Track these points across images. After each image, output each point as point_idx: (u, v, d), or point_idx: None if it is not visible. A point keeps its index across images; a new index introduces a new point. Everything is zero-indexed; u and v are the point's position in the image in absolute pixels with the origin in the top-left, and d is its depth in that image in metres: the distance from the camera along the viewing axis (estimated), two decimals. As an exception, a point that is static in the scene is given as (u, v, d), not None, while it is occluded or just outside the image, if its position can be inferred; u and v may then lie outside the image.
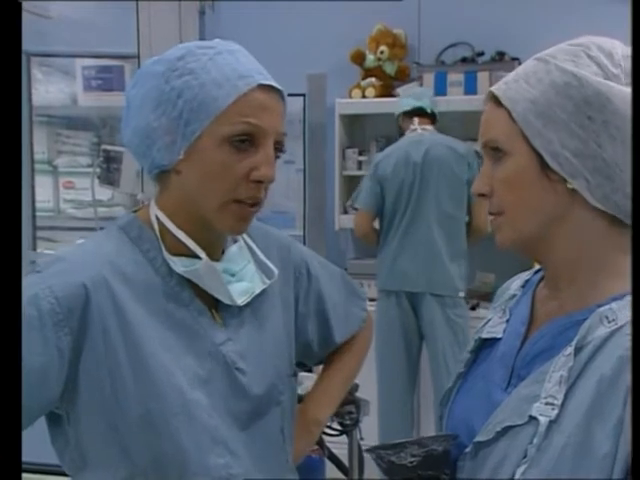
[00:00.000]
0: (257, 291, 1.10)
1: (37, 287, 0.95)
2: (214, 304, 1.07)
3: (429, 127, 3.31)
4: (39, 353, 0.93)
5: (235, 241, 1.13)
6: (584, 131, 0.84)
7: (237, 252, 1.11)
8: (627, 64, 0.86)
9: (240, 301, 1.07)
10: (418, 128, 3.29)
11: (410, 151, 3.24)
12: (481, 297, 3.65)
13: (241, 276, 1.09)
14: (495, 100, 0.91)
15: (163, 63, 1.02)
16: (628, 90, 0.84)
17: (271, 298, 1.15)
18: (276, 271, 1.13)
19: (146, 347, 0.98)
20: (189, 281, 1.04)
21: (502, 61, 3.64)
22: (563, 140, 0.85)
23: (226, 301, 1.06)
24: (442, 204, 3.23)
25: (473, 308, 3.58)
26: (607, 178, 0.84)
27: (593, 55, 0.87)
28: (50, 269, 0.98)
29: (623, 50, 0.88)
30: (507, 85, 0.90)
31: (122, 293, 0.99)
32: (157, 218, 1.05)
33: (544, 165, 0.86)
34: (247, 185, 1.00)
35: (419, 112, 3.30)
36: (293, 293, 1.21)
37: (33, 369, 0.92)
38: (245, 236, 1.13)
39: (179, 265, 1.03)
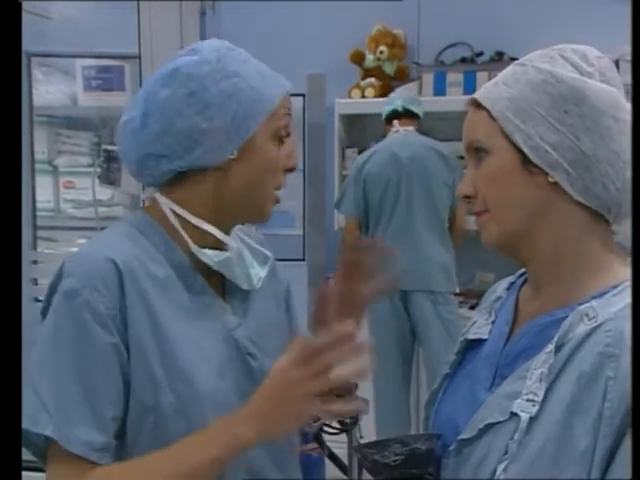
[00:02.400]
0: (263, 275, 1.15)
1: (77, 284, 0.96)
2: (221, 291, 1.11)
3: (410, 128, 3.39)
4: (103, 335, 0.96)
5: None
6: (561, 124, 0.86)
7: (237, 242, 1.13)
8: (600, 63, 0.90)
9: (257, 285, 1.13)
10: (400, 129, 3.38)
11: (395, 150, 3.30)
12: (480, 297, 3.62)
13: (250, 262, 1.14)
14: (476, 104, 0.94)
15: (205, 64, 1.02)
16: (603, 86, 0.87)
17: (261, 289, 1.17)
18: (271, 255, 1.17)
19: (170, 337, 1.00)
20: (199, 271, 1.07)
21: (501, 61, 3.64)
22: (542, 134, 0.87)
23: (245, 286, 1.11)
24: (429, 202, 3.28)
25: (472, 308, 3.58)
26: (586, 170, 0.86)
27: (567, 56, 0.90)
28: (81, 267, 0.98)
29: (596, 53, 0.92)
30: (487, 89, 0.94)
31: (146, 284, 1.01)
32: (174, 213, 1.06)
33: (525, 160, 0.88)
34: (284, 173, 1.09)
35: (396, 115, 3.40)
36: (283, 285, 1.25)
37: (107, 349, 0.95)
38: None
39: (210, 256, 1.06)
